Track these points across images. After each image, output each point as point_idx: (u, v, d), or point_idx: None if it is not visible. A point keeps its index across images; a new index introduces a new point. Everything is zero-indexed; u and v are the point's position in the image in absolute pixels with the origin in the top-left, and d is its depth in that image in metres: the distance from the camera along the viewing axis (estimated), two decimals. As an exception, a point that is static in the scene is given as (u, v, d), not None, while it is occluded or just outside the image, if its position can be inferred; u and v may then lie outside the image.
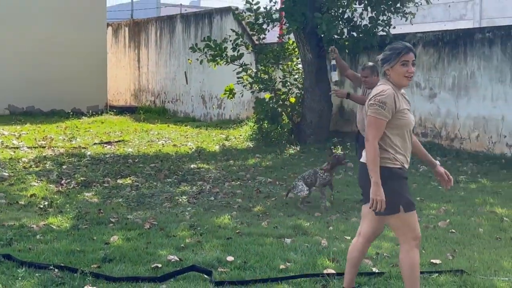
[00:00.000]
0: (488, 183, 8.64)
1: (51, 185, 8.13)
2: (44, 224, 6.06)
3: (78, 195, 7.57)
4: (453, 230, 6.02)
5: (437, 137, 11.52)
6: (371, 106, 3.59)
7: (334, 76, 7.17)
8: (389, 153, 3.59)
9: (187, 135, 14.22)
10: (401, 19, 11.89)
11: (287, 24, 11.89)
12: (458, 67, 11.06)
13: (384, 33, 11.84)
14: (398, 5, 11.67)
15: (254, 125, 13.04)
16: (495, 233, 5.92)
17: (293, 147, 11.90)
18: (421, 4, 12.04)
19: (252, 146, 12.23)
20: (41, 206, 6.91)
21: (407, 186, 3.68)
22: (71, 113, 18.31)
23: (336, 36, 11.70)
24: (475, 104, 10.75)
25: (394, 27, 12.07)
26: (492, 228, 6.10)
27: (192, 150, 11.72)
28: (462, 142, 10.98)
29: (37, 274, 4.51)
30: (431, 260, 5.00)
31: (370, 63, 7.32)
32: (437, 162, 3.87)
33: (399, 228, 3.64)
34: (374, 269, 4.73)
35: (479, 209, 6.91)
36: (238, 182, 8.63)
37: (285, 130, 12.44)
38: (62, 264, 4.72)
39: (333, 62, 7.17)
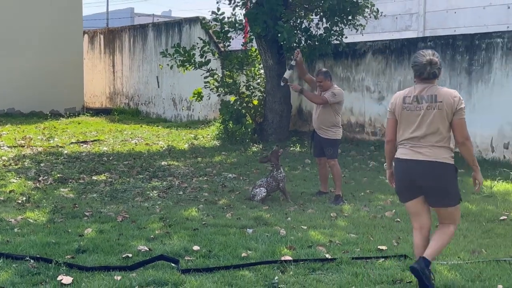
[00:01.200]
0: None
1: (29, 182, 7.95)
2: (21, 218, 5.93)
3: (55, 191, 7.42)
4: (398, 219, 6.09)
5: (385, 135, 11.67)
6: (463, 110, 3.88)
7: (286, 74, 7.22)
8: (452, 151, 3.97)
9: (158, 135, 14.10)
10: (351, 30, 12.02)
11: (251, 29, 11.89)
12: (403, 73, 11.22)
13: (338, 42, 11.94)
14: (350, 17, 11.80)
15: (220, 126, 13.01)
16: (435, 222, 5.97)
17: (256, 145, 11.91)
18: (370, 18, 12.20)
19: (218, 144, 12.20)
20: (19, 201, 6.76)
21: None
22: (50, 114, 17.99)
23: (295, 44, 11.75)
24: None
25: (347, 37, 12.19)
26: (432, 217, 6.17)
27: (163, 148, 11.63)
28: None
29: (14, 265, 4.40)
30: (378, 247, 5.06)
31: (324, 69, 7.38)
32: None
33: (454, 215, 4.01)
34: (327, 255, 4.76)
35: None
36: (205, 178, 8.60)
37: (249, 129, 12.43)
38: (38, 255, 4.61)
39: (293, 62, 7.19)
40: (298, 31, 11.92)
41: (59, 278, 4.10)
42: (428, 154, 3.85)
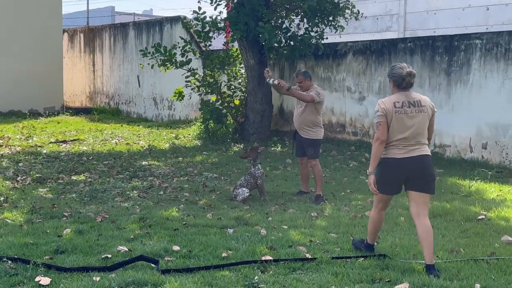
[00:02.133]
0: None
1: (7, 182, 7.85)
2: (-1, 219, 5.84)
3: (33, 191, 7.34)
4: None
5: (365, 135, 11.75)
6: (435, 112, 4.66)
7: (271, 80, 7.14)
8: None
9: (139, 134, 14.03)
10: (332, 31, 12.08)
11: (232, 33, 11.88)
12: (384, 73, 11.30)
13: (316, 43, 11.89)
14: (331, 18, 11.86)
15: (201, 125, 12.98)
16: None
17: (237, 145, 11.91)
18: (351, 19, 12.27)
19: (199, 144, 12.18)
20: (-3, 202, 6.66)
21: None
22: (29, 113, 17.77)
23: (276, 44, 11.77)
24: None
25: (327, 38, 12.25)
26: (411, 217, 6.24)
27: (144, 148, 11.60)
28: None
29: (-10, 267, 4.34)
30: (358, 246, 5.09)
31: (302, 70, 7.40)
32: None
33: (428, 200, 4.60)
34: (307, 255, 4.78)
35: (401, 200, 7.04)
36: (186, 178, 8.59)
37: (230, 129, 12.43)
38: (16, 256, 4.55)
39: (269, 81, 7.12)
40: (279, 32, 11.95)
41: (37, 279, 4.05)
42: (422, 149, 4.50)
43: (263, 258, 4.63)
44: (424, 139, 4.54)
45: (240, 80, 13.28)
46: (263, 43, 11.73)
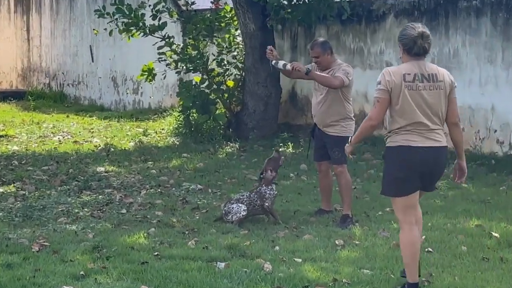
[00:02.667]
0: (473, 189, 8.85)
1: None
2: None
3: None
4: (430, 249, 6.15)
5: (412, 131, 11.75)
6: (456, 87, 5.06)
7: (281, 64, 7.12)
8: None
9: (92, 129, 14.00)
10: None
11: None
12: (438, 43, 11.28)
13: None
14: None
15: (180, 116, 12.96)
16: (481, 252, 6.09)
17: (231, 144, 11.90)
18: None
19: (177, 143, 12.16)
20: None
21: None
22: None
23: (284, 2, 11.76)
24: (459, 90, 10.93)
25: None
26: (478, 246, 6.27)
27: (99, 148, 11.58)
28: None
29: None
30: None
31: (320, 39, 7.38)
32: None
33: None
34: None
35: (462, 222, 7.07)
36: (159, 190, 8.59)
37: (221, 122, 12.41)
38: None
39: (276, 63, 7.12)
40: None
41: None
42: (439, 139, 4.90)
43: (267, 304, 4.64)
44: (442, 124, 4.92)
45: (235, 53, 13.26)
46: (267, 1, 11.72)
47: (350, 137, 5.48)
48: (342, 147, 6.81)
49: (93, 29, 15.69)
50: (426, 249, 6.12)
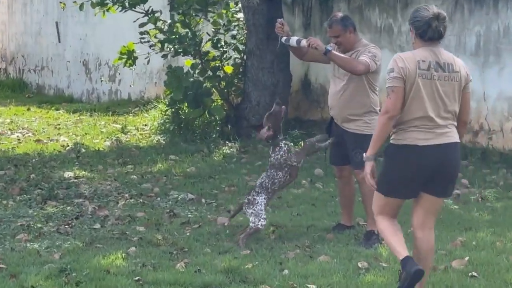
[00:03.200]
0: (529, 199, 8.88)
1: None
2: None
3: None
4: (475, 274, 6.14)
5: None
6: (471, 82, 5.43)
7: (294, 40, 7.15)
8: None
9: (59, 125, 14.01)
10: None
11: None
12: (484, 19, 11.27)
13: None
14: None
15: (167, 109, 12.96)
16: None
17: (230, 144, 11.92)
18: None
19: (163, 142, 12.18)
20: None
21: None
22: None
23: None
24: (511, 77, 11.01)
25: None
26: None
27: (67, 148, 11.58)
28: (490, 136, 11.23)
29: None
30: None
31: (340, 14, 7.34)
32: None
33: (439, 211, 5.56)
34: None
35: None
36: (140, 200, 8.60)
37: (217, 117, 12.42)
38: None
39: (286, 40, 7.13)
40: None
41: None
42: (450, 134, 5.18)
43: None
44: (454, 119, 5.21)
45: (234, 32, 13.26)
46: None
47: (364, 153, 5.39)
48: (365, 147, 6.78)
49: (60, 2, 15.70)
50: (469, 274, 6.12)
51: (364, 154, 5.35)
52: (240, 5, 12.84)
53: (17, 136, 12.75)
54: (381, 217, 5.37)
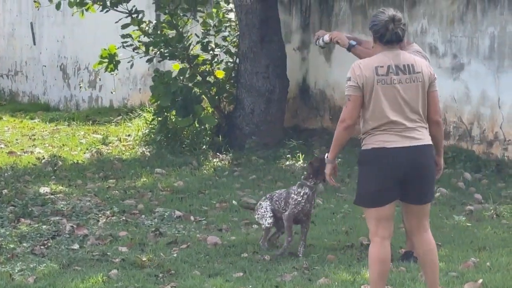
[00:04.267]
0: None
1: None
2: None
3: None
4: (489, 297, 6.15)
5: (465, 138, 11.74)
6: (436, 79, 5.72)
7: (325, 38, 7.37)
8: None
9: (34, 136, 14.01)
10: None
11: None
12: (499, 19, 11.31)
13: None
14: None
15: (153, 118, 12.97)
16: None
17: (221, 156, 11.96)
18: None
19: (148, 154, 12.21)
20: None
21: None
22: None
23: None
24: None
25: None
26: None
27: (43, 161, 11.59)
28: (506, 147, 11.24)
29: None
30: None
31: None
32: None
33: (428, 210, 5.78)
34: None
35: None
36: (123, 218, 8.61)
37: (207, 126, 12.43)
38: None
39: (320, 43, 7.41)
40: None
41: None
42: (420, 137, 5.51)
43: None
44: (423, 121, 5.56)
45: (226, 34, 13.28)
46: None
47: (326, 155, 5.90)
48: None
49: (34, 1, 15.72)
50: (483, 297, 6.13)
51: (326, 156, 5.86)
52: (232, 4, 12.86)
53: (-11, 148, 12.77)
54: (377, 241, 5.60)
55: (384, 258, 5.58)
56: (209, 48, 13.03)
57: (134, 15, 12.69)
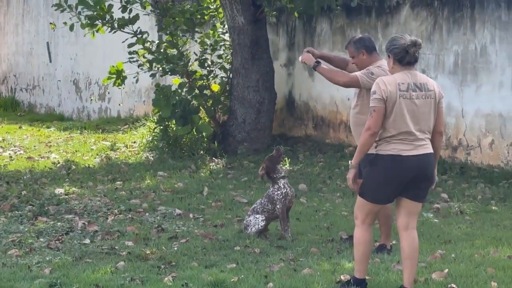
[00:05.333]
0: (505, 213, 8.90)
1: None
2: None
3: None
4: (454, 285, 6.13)
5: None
6: (443, 97, 5.99)
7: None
8: None
9: (50, 143, 13.98)
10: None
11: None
12: (463, 39, 11.33)
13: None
14: None
15: (155, 127, 12.96)
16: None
17: (216, 161, 11.94)
18: None
19: (152, 158, 12.18)
20: None
21: None
22: None
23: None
24: (488, 94, 11.04)
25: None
26: (511, 281, 6.27)
27: (58, 165, 11.58)
28: (469, 152, 11.27)
29: None
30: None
31: (357, 36, 7.36)
32: None
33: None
34: None
35: (492, 252, 7.06)
36: (129, 215, 8.60)
37: (204, 134, 12.42)
38: None
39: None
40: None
41: None
42: (427, 146, 5.80)
43: None
44: (429, 133, 5.83)
45: (221, 52, 13.29)
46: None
47: (349, 162, 5.98)
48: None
49: (50, 23, 15.70)
50: (449, 286, 6.12)
51: (349, 162, 5.89)
52: (226, 25, 12.88)
53: (9, 153, 12.72)
54: (363, 227, 5.89)
55: (367, 240, 5.90)
56: (206, 65, 13.04)
57: (139, 35, 12.69)
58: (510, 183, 10.25)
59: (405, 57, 5.72)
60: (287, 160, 11.64)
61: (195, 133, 12.38)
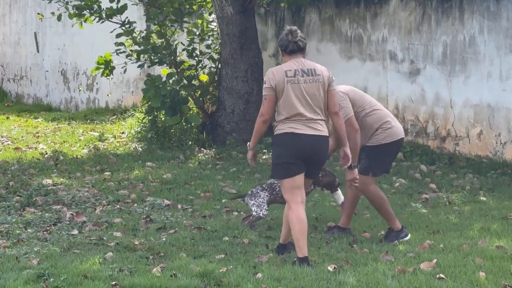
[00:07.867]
0: (494, 203, 8.93)
1: None
2: None
3: None
4: (442, 275, 6.16)
5: (421, 134, 11.78)
6: (334, 81, 6.54)
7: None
8: None
9: (37, 133, 13.94)
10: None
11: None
12: (451, 30, 11.34)
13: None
14: None
15: (144, 117, 12.94)
16: (503, 279, 6.11)
17: (205, 151, 11.93)
18: None
19: (140, 149, 12.16)
20: None
21: None
22: None
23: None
24: (476, 85, 11.07)
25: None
26: (499, 271, 6.29)
27: (46, 156, 11.54)
28: (457, 142, 11.29)
29: None
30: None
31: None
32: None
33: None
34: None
35: (480, 242, 7.10)
36: (117, 206, 8.60)
37: (193, 124, 12.41)
38: None
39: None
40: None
41: None
42: (319, 128, 6.37)
43: None
44: (323, 116, 6.40)
45: (209, 42, 13.27)
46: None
47: (248, 143, 6.73)
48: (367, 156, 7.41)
49: (38, 13, 15.65)
50: (437, 276, 6.14)
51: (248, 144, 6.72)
52: (214, 15, 12.85)
53: (-4, 144, 12.71)
54: (293, 206, 6.40)
55: (301, 217, 6.37)
56: (194, 55, 13.02)
57: (127, 26, 12.65)
58: (499, 173, 10.29)
59: (288, 46, 6.32)
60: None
61: (183, 123, 12.36)
